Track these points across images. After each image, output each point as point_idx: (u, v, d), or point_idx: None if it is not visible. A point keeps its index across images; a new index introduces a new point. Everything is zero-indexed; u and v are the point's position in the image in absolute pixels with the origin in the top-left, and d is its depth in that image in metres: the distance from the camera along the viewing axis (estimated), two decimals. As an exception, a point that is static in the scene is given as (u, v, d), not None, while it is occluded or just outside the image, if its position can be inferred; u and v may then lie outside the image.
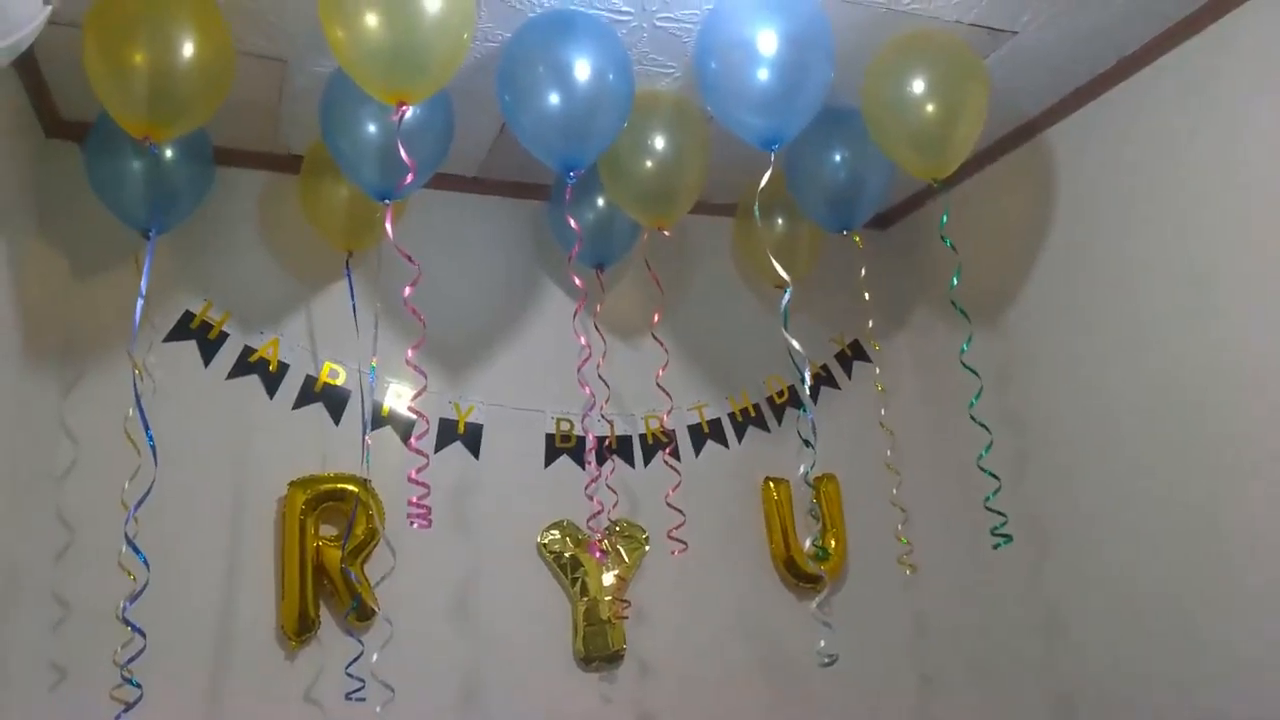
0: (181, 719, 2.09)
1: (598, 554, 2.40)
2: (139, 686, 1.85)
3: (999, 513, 2.24)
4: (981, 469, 2.25)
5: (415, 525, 1.99)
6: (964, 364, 2.26)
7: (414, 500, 1.98)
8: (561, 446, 2.64)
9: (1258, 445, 2.04)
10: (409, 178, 1.80)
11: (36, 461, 2.09)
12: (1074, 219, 2.52)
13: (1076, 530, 2.49)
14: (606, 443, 2.63)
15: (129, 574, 1.85)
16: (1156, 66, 2.29)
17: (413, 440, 2.16)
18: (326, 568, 2.24)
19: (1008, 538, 2.23)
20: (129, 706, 1.83)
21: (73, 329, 2.23)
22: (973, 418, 2.27)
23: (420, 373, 2.09)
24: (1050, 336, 2.58)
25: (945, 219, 2.27)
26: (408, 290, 1.91)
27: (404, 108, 1.75)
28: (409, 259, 1.91)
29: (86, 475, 2.14)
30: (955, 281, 2.25)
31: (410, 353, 1.97)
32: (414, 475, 1.97)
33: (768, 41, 1.89)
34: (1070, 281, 2.53)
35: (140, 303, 1.90)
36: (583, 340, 2.21)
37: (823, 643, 2.12)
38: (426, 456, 2.11)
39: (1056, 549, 2.55)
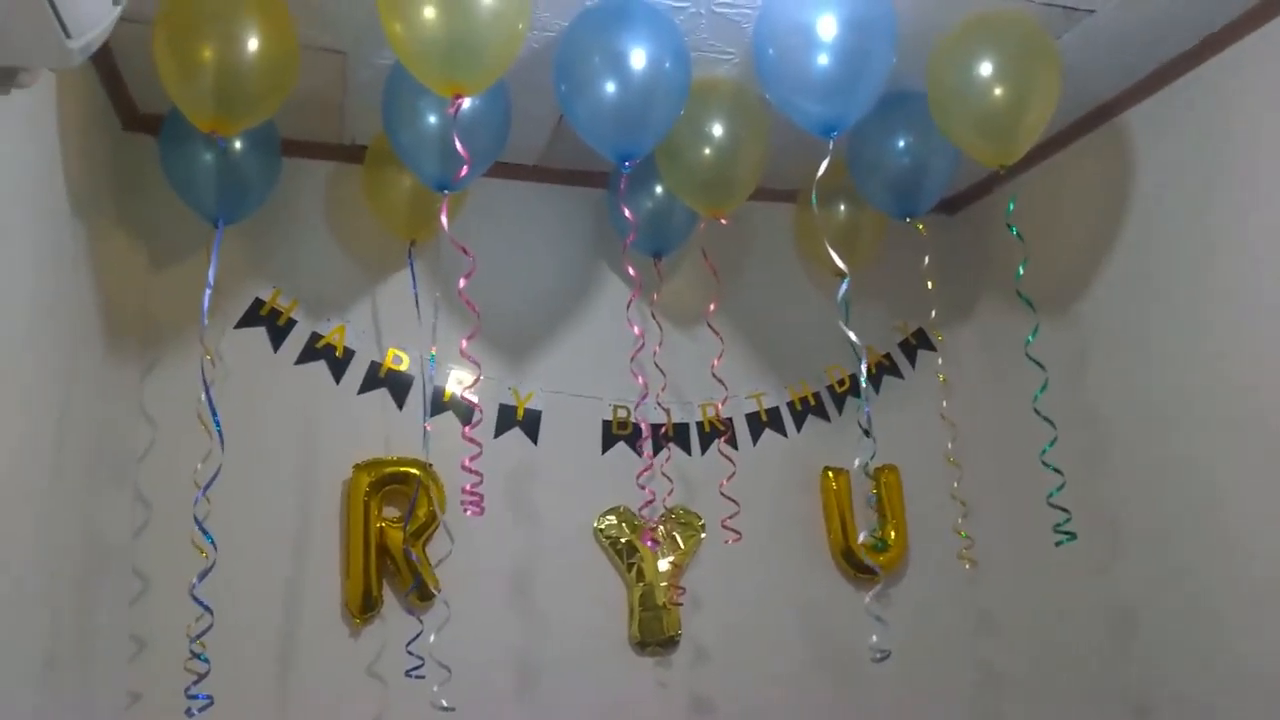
0: (251, 691, 2.19)
1: (649, 543, 2.41)
2: (207, 661, 1.93)
3: (1062, 509, 2.19)
4: (1045, 464, 2.19)
5: (469, 512, 2.03)
6: (1029, 356, 2.20)
7: (467, 488, 2.01)
8: (618, 433, 2.66)
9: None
10: (464, 170, 1.82)
11: (118, 442, 2.19)
12: (1149, 206, 2.41)
13: (1149, 527, 2.40)
14: (663, 430, 2.64)
15: (201, 551, 1.92)
16: (1242, 46, 2.17)
17: (466, 430, 2.19)
18: (389, 548, 2.30)
19: (1071, 535, 2.17)
20: (200, 678, 1.91)
21: (151, 316, 2.32)
22: (1037, 411, 2.21)
23: (475, 363, 2.14)
24: (1122, 328, 2.48)
25: (1012, 207, 2.20)
26: (463, 282, 1.95)
27: (460, 100, 1.77)
28: (464, 251, 1.95)
29: (163, 456, 2.24)
30: (1021, 272, 2.19)
31: (464, 343, 2.02)
32: (467, 463, 2.01)
33: (827, 26, 1.86)
34: (1144, 272, 2.42)
35: (208, 292, 1.97)
36: (636, 329, 2.21)
37: (875, 638, 2.09)
38: (480, 445, 2.14)
39: (1128, 546, 2.46)
